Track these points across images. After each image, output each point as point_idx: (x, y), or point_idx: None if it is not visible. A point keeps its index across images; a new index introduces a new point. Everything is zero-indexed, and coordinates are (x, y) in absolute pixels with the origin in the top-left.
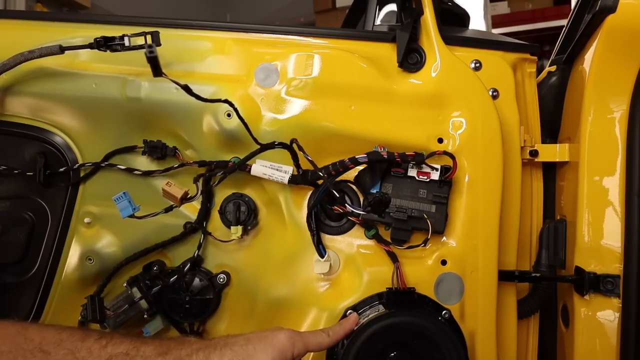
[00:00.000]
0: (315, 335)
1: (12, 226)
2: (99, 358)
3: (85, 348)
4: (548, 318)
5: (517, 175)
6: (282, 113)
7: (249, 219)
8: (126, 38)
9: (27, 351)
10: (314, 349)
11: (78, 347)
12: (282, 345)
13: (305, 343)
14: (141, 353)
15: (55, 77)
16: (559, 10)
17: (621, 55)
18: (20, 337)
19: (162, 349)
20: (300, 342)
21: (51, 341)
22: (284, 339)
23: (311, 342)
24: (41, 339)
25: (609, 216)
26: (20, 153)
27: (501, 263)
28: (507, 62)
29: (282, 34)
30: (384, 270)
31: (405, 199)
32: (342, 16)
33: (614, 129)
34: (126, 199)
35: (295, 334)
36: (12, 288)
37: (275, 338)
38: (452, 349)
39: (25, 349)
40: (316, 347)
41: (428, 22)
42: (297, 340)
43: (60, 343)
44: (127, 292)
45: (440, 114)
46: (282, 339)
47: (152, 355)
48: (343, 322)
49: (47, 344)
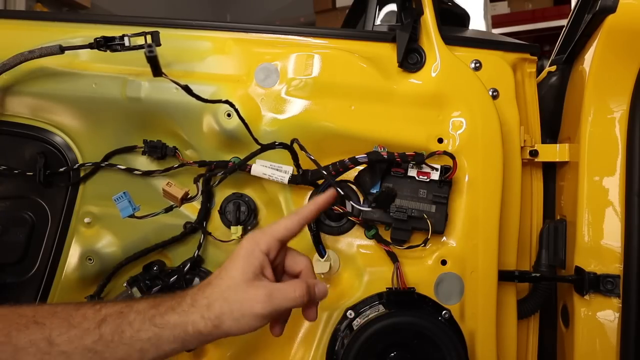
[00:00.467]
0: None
1: (12, 226)
2: (94, 319)
3: (80, 314)
4: (548, 318)
5: (517, 175)
6: (282, 113)
7: (249, 219)
8: (126, 38)
9: (20, 325)
10: (285, 234)
11: (72, 315)
12: (245, 250)
13: (271, 234)
14: (134, 309)
15: (55, 77)
16: (559, 10)
17: (621, 55)
18: (13, 314)
19: (154, 302)
20: (263, 237)
21: (45, 314)
22: (245, 243)
23: (277, 230)
24: (34, 313)
25: (609, 216)
26: (20, 153)
27: (501, 263)
28: (507, 62)
29: (282, 34)
30: (384, 270)
31: (405, 199)
32: (342, 16)
33: (614, 129)
34: (126, 199)
35: (257, 231)
36: (12, 288)
37: (239, 248)
38: (452, 349)
39: (19, 323)
40: (286, 231)
41: (428, 22)
42: (260, 236)
43: (55, 314)
44: (127, 292)
45: (440, 114)
46: (243, 243)
47: (145, 308)
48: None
49: (40, 317)
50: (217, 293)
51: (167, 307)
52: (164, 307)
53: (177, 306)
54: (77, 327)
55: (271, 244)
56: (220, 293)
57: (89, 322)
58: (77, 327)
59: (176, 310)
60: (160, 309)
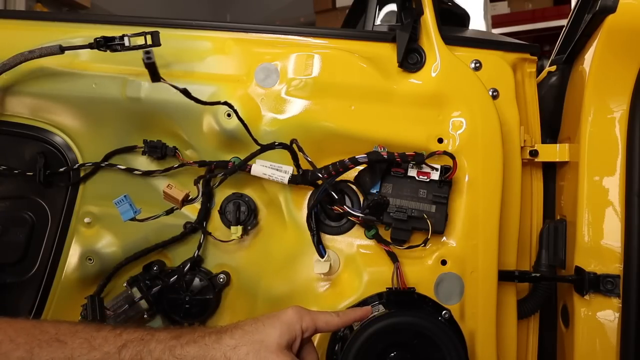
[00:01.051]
0: (324, 314)
1: (12, 226)
2: (115, 344)
3: (101, 337)
4: (548, 318)
5: (517, 175)
6: (282, 113)
7: (249, 219)
8: (126, 38)
9: (43, 341)
10: (322, 326)
11: (94, 335)
12: (289, 319)
13: (313, 318)
14: (156, 337)
15: (55, 77)
16: (559, 10)
17: (621, 55)
18: (35, 329)
19: (175, 332)
20: (308, 316)
21: (66, 332)
22: (291, 313)
23: (320, 318)
24: (56, 330)
25: (609, 216)
26: (20, 153)
27: (501, 263)
28: (507, 62)
29: (282, 34)
30: (384, 270)
31: (405, 199)
32: (342, 16)
33: (614, 129)
34: (127, 202)
35: (303, 309)
36: (12, 288)
37: (283, 313)
38: (452, 349)
39: (41, 340)
40: (324, 325)
41: (428, 22)
42: (305, 314)
43: (76, 333)
44: (127, 292)
45: (440, 114)
46: (289, 313)
47: (166, 338)
48: (356, 309)
49: (62, 335)
50: (248, 340)
51: (188, 339)
52: (185, 339)
53: (199, 339)
54: (98, 350)
55: (310, 327)
56: (252, 343)
57: (109, 346)
58: (97, 349)
59: (198, 343)
60: (182, 340)
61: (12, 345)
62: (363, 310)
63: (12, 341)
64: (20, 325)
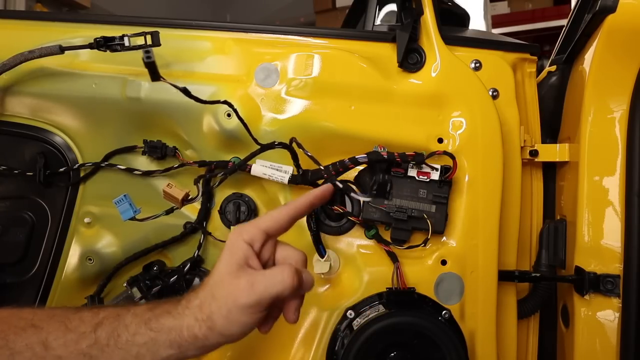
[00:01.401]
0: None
1: (12, 226)
2: (91, 322)
3: (77, 318)
4: (548, 318)
5: (517, 175)
6: (282, 113)
7: (249, 219)
8: (126, 38)
9: (18, 328)
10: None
11: (70, 317)
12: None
13: (254, 225)
14: (132, 312)
15: (55, 77)
16: (559, 10)
17: (621, 55)
18: (13, 317)
19: (152, 305)
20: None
21: (43, 317)
22: (229, 237)
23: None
24: (33, 316)
25: (609, 216)
26: (20, 153)
27: (501, 263)
28: (507, 62)
29: (282, 34)
30: (384, 270)
31: (405, 199)
32: (342, 16)
33: (614, 129)
34: (127, 202)
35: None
36: (12, 288)
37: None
38: (452, 349)
39: (17, 326)
40: (271, 220)
41: (428, 22)
42: (244, 227)
43: (53, 317)
44: (127, 292)
45: (440, 114)
46: (229, 237)
47: (142, 311)
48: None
49: (38, 320)
50: (207, 290)
51: (163, 310)
52: (160, 309)
53: (172, 309)
54: (74, 331)
55: (254, 234)
56: (210, 290)
57: (85, 326)
58: (73, 330)
59: (172, 313)
60: (156, 312)
61: None
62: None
63: None
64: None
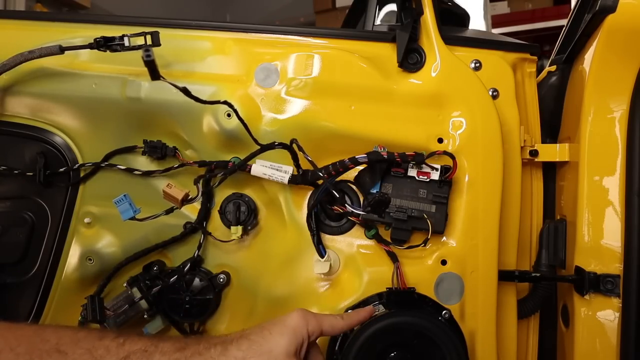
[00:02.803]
0: (328, 317)
1: (12, 226)
2: (117, 355)
3: (103, 346)
4: (548, 318)
5: (517, 175)
6: (282, 113)
7: (249, 219)
8: (126, 38)
9: (43, 352)
10: (327, 329)
11: (95, 345)
12: (295, 323)
13: (318, 321)
14: (159, 349)
15: (55, 77)
16: (559, 10)
17: (621, 55)
18: (36, 337)
19: (180, 344)
20: (313, 320)
21: (68, 341)
22: (296, 318)
23: (325, 321)
24: (58, 339)
25: (609, 216)
26: (20, 153)
27: (501, 263)
28: (507, 62)
29: (282, 34)
30: (384, 270)
31: (405, 199)
32: (342, 16)
33: (614, 129)
34: (127, 202)
35: (309, 312)
36: (12, 288)
37: (289, 318)
38: (452, 349)
39: (41, 350)
40: (329, 328)
41: (428, 22)
42: (311, 318)
43: (77, 343)
44: (127, 292)
45: (440, 113)
46: (295, 317)
47: (170, 350)
48: (359, 310)
49: (63, 344)
50: (256, 351)
51: (193, 352)
52: (190, 351)
53: (204, 352)
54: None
55: (316, 331)
56: (260, 353)
57: (111, 358)
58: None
59: (203, 355)
60: (186, 353)
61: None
62: (366, 311)
63: (12, 350)
64: (21, 332)
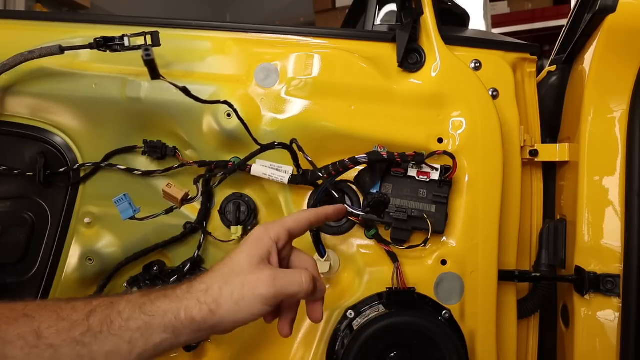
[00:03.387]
0: (291, 214)
1: (12, 226)
2: (83, 310)
3: (70, 307)
4: (548, 318)
5: (517, 175)
6: (282, 113)
7: (249, 219)
8: (126, 38)
9: (10, 318)
10: (293, 226)
11: (62, 307)
12: (254, 237)
13: (281, 223)
14: (125, 298)
15: (55, 77)
16: (559, 10)
17: (621, 55)
18: (4, 309)
19: (145, 291)
20: (274, 225)
21: (35, 307)
22: (255, 232)
23: (286, 220)
24: (25, 307)
25: (609, 216)
26: (20, 153)
27: (501, 263)
28: (507, 62)
29: (282, 34)
30: (384, 270)
31: (405, 199)
32: (342, 16)
33: (614, 129)
34: (127, 201)
35: (268, 222)
36: (12, 288)
37: (247, 236)
38: (452, 348)
39: (9, 317)
40: (294, 223)
41: (428, 22)
42: (271, 225)
43: (45, 307)
44: (127, 292)
45: (440, 113)
46: (253, 232)
47: (135, 297)
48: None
49: (30, 310)
50: (218, 277)
51: (158, 294)
52: (156, 294)
53: (170, 293)
54: (66, 320)
55: (281, 233)
56: (222, 276)
57: (78, 314)
58: (65, 319)
59: (169, 296)
60: (151, 297)
61: None
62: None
63: None
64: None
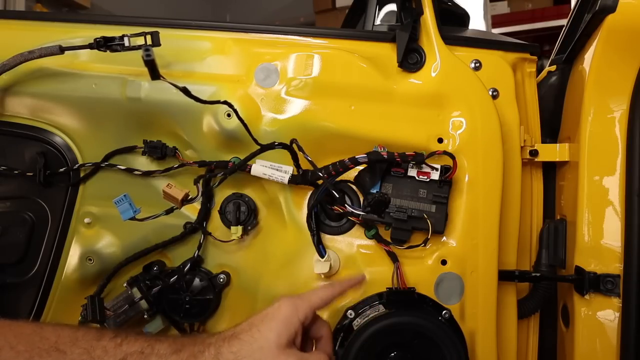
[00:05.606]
0: (316, 293)
1: (12, 226)
2: (114, 357)
3: (101, 347)
4: (548, 318)
5: (517, 175)
6: (282, 113)
7: (249, 219)
8: (126, 38)
9: (42, 350)
10: (320, 304)
11: (93, 345)
12: (284, 315)
13: (309, 302)
14: (155, 351)
15: (55, 77)
16: (559, 10)
17: (621, 55)
18: (36, 336)
19: (176, 346)
20: (302, 304)
21: (67, 340)
22: (284, 308)
23: (314, 300)
24: (57, 338)
25: (609, 216)
26: (20, 153)
27: (501, 263)
28: (507, 62)
29: (282, 34)
30: (384, 270)
31: (405, 199)
32: (342, 16)
33: (614, 129)
34: (127, 202)
35: (296, 298)
36: (12, 288)
37: (277, 311)
38: (452, 348)
39: (41, 348)
40: (321, 302)
41: (428, 22)
42: (300, 305)
43: (76, 342)
44: (127, 292)
45: (440, 113)
46: (283, 309)
47: (166, 353)
48: (349, 277)
49: (62, 343)
50: (247, 351)
51: (189, 354)
52: (186, 353)
53: (199, 355)
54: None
55: (309, 314)
56: (251, 352)
57: (109, 358)
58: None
59: (197, 358)
60: (182, 355)
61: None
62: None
63: (12, 348)
64: (20, 330)
